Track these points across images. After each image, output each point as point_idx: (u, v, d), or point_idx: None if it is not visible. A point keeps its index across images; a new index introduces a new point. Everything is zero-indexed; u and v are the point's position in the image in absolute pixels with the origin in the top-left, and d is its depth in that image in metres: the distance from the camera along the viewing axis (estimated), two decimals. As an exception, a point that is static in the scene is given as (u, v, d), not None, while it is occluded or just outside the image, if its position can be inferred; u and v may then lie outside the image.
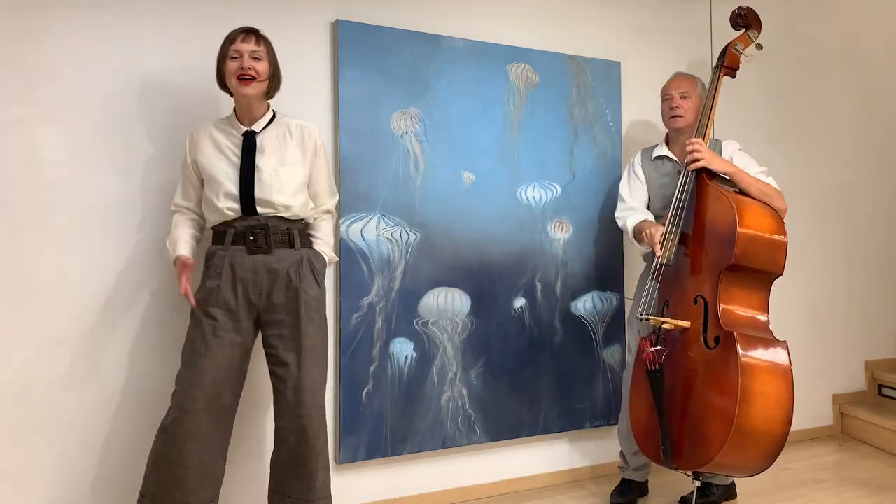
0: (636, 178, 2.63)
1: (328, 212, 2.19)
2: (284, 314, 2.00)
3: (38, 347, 2.10)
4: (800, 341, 3.50)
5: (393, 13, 2.60)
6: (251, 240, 1.98)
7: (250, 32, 2.00)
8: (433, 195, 2.60)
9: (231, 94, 2.04)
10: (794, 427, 3.45)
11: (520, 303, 2.76)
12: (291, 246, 2.03)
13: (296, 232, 2.05)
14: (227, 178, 1.98)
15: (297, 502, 2.01)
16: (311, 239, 2.14)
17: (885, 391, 3.59)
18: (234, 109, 2.07)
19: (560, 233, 2.84)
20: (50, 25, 2.12)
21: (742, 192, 2.32)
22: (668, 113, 2.55)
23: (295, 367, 1.99)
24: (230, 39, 1.99)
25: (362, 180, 2.48)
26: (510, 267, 2.74)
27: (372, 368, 2.49)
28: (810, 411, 3.51)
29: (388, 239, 2.52)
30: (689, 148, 2.36)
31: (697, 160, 2.33)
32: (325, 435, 2.03)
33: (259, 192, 1.98)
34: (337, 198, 2.23)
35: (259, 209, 1.99)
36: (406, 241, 2.55)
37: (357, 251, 2.47)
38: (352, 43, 2.47)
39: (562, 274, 2.84)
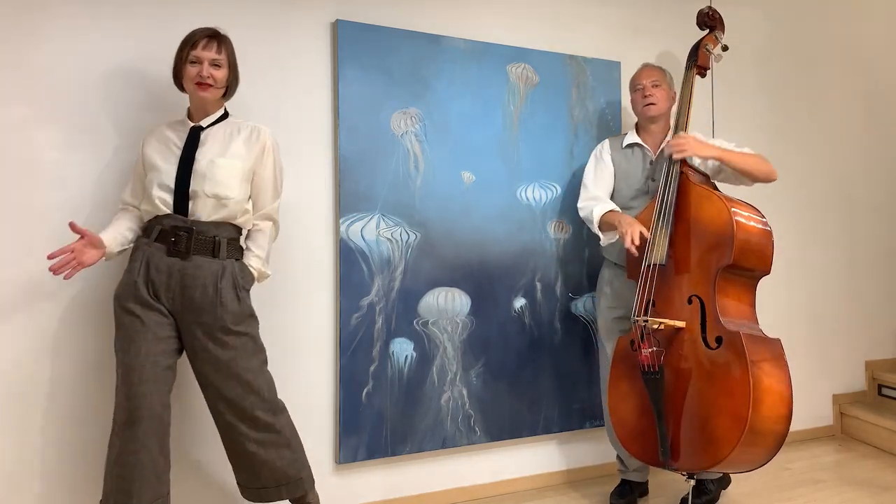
0: (603, 164, 2.60)
1: (268, 218, 2.09)
2: (196, 325, 1.92)
3: (38, 347, 2.10)
4: (800, 341, 3.50)
5: (393, 13, 2.60)
6: (173, 241, 1.91)
7: (212, 38, 1.97)
8: (433, 195, 2.60)
9: (186, 93, 2.04)
10: (795, 427, 3.45)
11: (520, 303, 2.76)
12: (214, 255, 1.94)
13: (223, 241, 1.95)
14: (165, 169, 1.94)
15: (248, 491, 2.04)
16: (245, 251, 2.06)
17: (885, 391, 3.59)
18: (188, 108, 2.05)
19: (560, 233, 2.84)
20: (50, 25, 2.12)
21: (715, 186, 2.34)
22: (641, 102, 2.55)
23: (212, 379, 1.94)
24: (192, 44, 1.96)
25: (362, 180, 2.48)
26: (510, 267, 2.74)
27: (372, 368, 2.49)
28: (810, 411, 3.51)
29: (388, 239, 2.52)
30: (673, 142, 2.35)
31: (684, 150, 2.33)
32: (265, 437, 1.98)
33: (193, 184, 1.93)
34: (279, 202, 2.11)
35: (191, 204, 1.93)
36: (406, 241, 2.55)
37: (357, 251, 2.47)
38: (352, 43, 2.47)
39: (562, 274, 2.84)
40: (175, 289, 1.90)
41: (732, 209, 2.22)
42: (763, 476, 2.95)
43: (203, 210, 1.94)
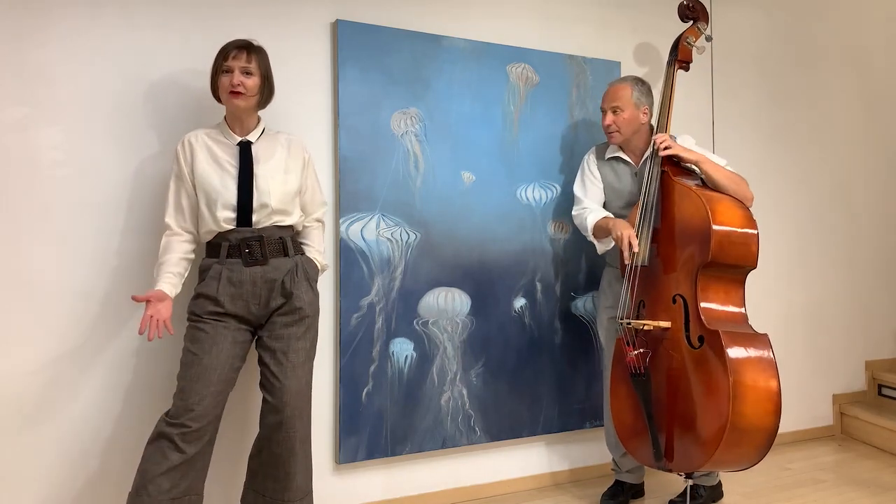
0: (591, 176, 2.58)
1: (318, 220, 2.23)
2: (277, 317, 2.04)
3: (38, 347, 2.10)
4: (800, 341, 3.50)
5: (393, 13, 2.60)
6: (247, 252, 1.99)
7: (242, 48, 2.01)
8: (433, 195, 2.60)
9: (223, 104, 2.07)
10: (795, 427, 3.46)
11: (520, 303, 2.76)
12: (286, 254, 2.06)
13: (289, 240, 2.08)
14: (226, 187, 1.99)
15: (272, 502, 2.03)
16: (303, 246, 2.17)
17: (885, 391, 3.59)
18: (226, 119, 2.08)
19: (560, 233, 2.84)
20: (50, 25, 2.12)
21: (705, 184, 2.32)
22: (604, 129, 2.51)
23: (285, 369, 2.02)
24: (223, 55, 2.01)
25: (362, 180, 2.48)
26: (510, 267, 2.74)
27: (372, 368, 2.49)
28: (810, 411, 3.51)
29: (388, 239, 2.52)
30: (657, 141, 2.35)
31: (669, 147, 2.32)
32: (308, 437, 2.07)
33: (257, 200, 2.00)
34: (326, 207, 2.28)
35: (255, 217, 2.01)
36: (406, 241, 2.55)
37: (357, 251, 2.47)
38: (352, 43, 2.47)
39: (562, 274, 2.84)
40: (261, 294, 2.02)
41: (709, 205, 2.18)
42: (763, 476, 2.95)
43: (268, 220, 2.04)
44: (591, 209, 2.53)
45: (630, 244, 2.27)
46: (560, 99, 2.85)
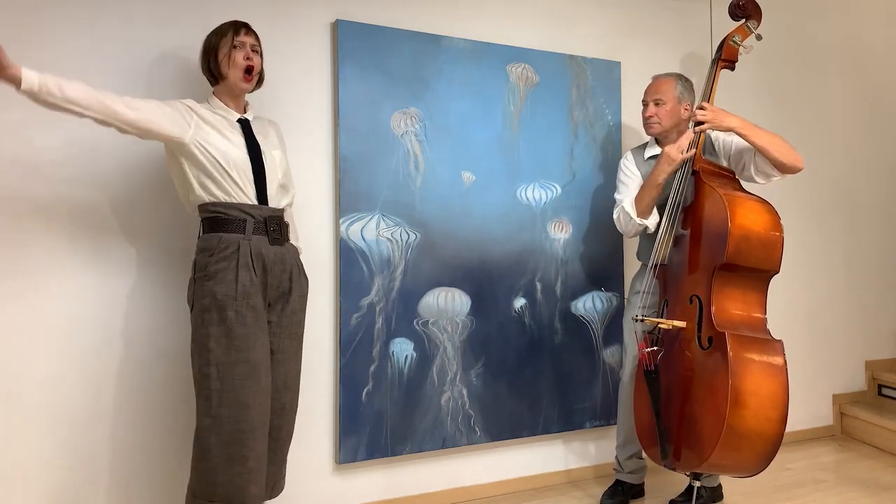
0: (629, 173, 2.56)
1: (290, 204, 2.15)
2: (283, 304, 2.02)
3: (39, 347, 2.10)
4: (800, 341, 3.50)
5: (393, 13, 2.60)
6: (272, 230, 1.96)
7: (249, 28, 2.01)
8: (433, 195, 2.60)
9: (213, 83, 2.01)
10: (795, 427, 3.46)
11: (520, 303, 2.76)
12: (288, 239, 2.05)
13: (288, 226, 2.07)
14: (244, 163, 1.94)
15: (269, 488, 2.02)
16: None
17: (885, 391, 3.59)
18: (217, 97, 2.02)
19: (560, 233, 2.84)
20: (50, 25, 2.12)
21: (740, 190, 2.30)
22: (644, 121, 2.52)
23: (288, 354, 2.03)
24: (235, 31, 1.97)
25: (362, 180, 2.48)
26: (510, 267, 2.74)
27: (372, 368, 2.49)
28: (810, 411, 3.51)
29: (388, 239, 2.52)
30: (696, 111, 2.32)
31: (702, 122, 2.30)
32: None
33: (270, 175, 1.99)
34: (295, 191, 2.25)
35: (269, 193, 1.98)
36: (406, 241, 2.55)
37: (357, 251, 2.47)
38: (352, 43, 2.47)
39: (562, 274, 2.84)
40: (279, 275, 1.99)
41: (729, 206, 2.16)
42: (763, 476, 2.95)
43: (277, 200, 2.02)
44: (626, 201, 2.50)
45: (680, 147, 2.29)
46: (560, 99, 2.85)
